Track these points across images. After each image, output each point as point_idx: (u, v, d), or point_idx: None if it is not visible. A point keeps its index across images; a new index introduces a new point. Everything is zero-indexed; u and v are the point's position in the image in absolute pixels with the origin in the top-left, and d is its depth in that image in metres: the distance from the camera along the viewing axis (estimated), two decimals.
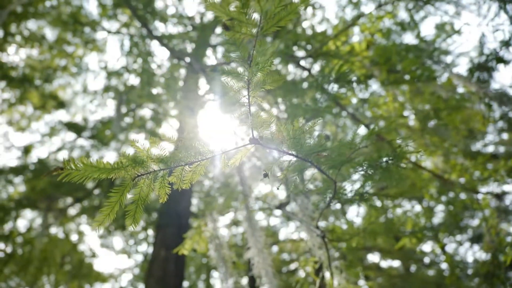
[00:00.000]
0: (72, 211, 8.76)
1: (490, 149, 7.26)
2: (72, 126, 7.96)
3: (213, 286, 10.98)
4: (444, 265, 9.67)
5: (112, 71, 7.99)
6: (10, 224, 8.34)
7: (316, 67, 4.55)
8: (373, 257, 11.75)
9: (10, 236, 8.19)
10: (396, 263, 11.61)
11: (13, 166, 7.65)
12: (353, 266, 3.70)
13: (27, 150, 8.21)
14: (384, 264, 11.81)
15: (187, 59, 5.36)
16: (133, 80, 8.03)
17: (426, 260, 10.74)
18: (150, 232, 10.13)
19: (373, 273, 10.81)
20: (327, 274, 2.43)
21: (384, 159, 1.57)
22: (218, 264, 2.88)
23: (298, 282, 2.63)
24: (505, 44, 2.98)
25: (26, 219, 8.69)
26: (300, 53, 4.63)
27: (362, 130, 3.86)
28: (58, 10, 7.89)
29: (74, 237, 9.04)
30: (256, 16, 0.91)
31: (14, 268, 7.94)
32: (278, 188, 1.52)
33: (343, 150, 1.50)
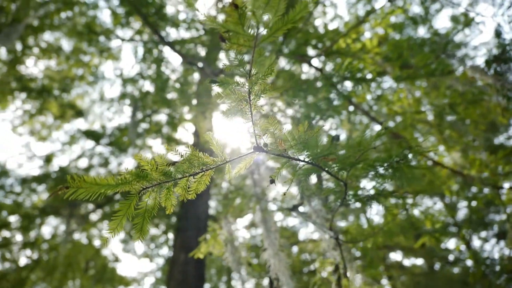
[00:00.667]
0: (94, 216, 8.94)
1: None
2: (90, 134, 8.12)
3: None
4: (469, 262, 9.43)
5: (127, 78, 8.11)
6: (35, 232, 8.58)
7: (328, 66, 4.50)
8: (395, 256, 11.57)
9: (36, 243, 8.41)
10: (419, 261, 11.39)
11: (36, 175, 7.87)
12: (373, 266, 3.64)
13: (48, 159, 8.41)
14: (407, 262, 11.60)
15: (200, 64, 5.39)
16: (148, 86, 8.14)
17: (451, 257, 10.49)
18: (171, 235, 10.24)
19: (396, 271, 10.64)
20: (343, 276, 2.39)
21: (395, 159, 1.53)
22: (233, 267, 2.88)
23: (315, 284, 2.60)
24: None
25: (51, 226, 8.92)
26: (311, 52, 4.60)
27: (376, 128, 3.79)
28: (73, 21, 8.07)
29: (96, 242, 9.23)
30: (252, 27, 0.90)
31: (41, 274, 8.15)
32: (284, 194, 1.51)
33: (352, 152, 1.48)
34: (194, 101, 6.56)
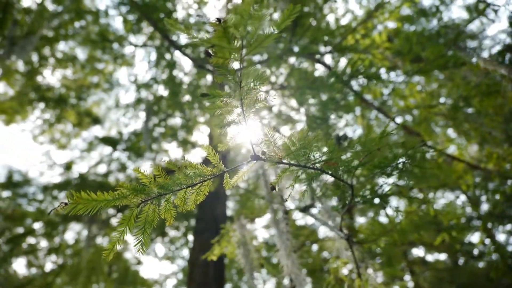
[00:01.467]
0: (114, 221, 9.10)
1: None
2: (107, 140, 8.27)
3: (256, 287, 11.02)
4: (495, 257, 9.18)
5: (141, 84, 8.22)
6: (59, 237, 8.80)
7: (339, 63, 4.46)
8: (418, 251, 11.36)
9: (60, 248, 8.63)
10: (443, 256, 11.15)
11: (57, 183, 8.06)
12: (390, 265, 3.59)
13: (68, 166, 8.61)
14: (430, 257, 11.38)
15: (210, 67, 5.41)
16: (162, 90, 8.22)
17: (476, 252, 10.23)
18: (190, 237, 10.33)
19: (418, 267, 10.45)
20: (357, 276, 2.36)
21: (400, 160, 1.50)
22: (246, 270, 2.88)
23: (328, 284, 2.58)
24: None
25: (74, 231, 9.12)
26: (321, 49, 4.55)
27: (390, 124, 3.73)
28: (86, 30, 8.23)
29: (118, 246, 9.37)
30: (238, 40, 0.90)
31: (66, 279, 8.35)
32: (286, 200, 1.50)
33: (355, 155, 1.45)
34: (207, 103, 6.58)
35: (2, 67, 7.66)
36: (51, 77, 9.14)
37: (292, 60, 5.31)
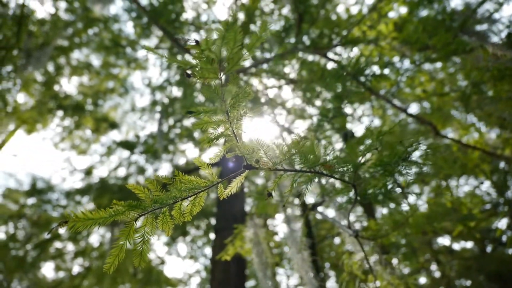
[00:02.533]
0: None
1: None
2: (124, 144, 8.42)
3: (279, 283, 11.06)
4: None
5: (155, 86, 8.32)
6: (84, 241, 9.06)
7: (346, 56, 4.39)
8: (443, 240, 11.13)
9: (85, 251, 8.88)
10: (469, 244, 10.89)
11: (79, 188, 8.28)
12: (414, 256, 3.53)
13: (88, 171, 8.83)
14: (457, 246, 11.13)
15: None
16: (176, 92, 8.30)
17: (504, 238, 9.94)
18: (212, 235, 10.43)
19: (444, 257, 10.25)
20: (370, 271, 2.34)
21: (397, 158, 1.47)
22: (259, 269, 2.89)
23: (343, 280, 2.56)
24: None
25: (98, 235, 9.36)
26: (329, 42, 4.50)
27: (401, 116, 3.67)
28: (100, 36, 8.38)
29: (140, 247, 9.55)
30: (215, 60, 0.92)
31: (92, 281, 8.60)
32: (284, 205, 1.49)
33: (353, 157, 1.44)
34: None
35: (21, 78, 7.89)
36: (68, 85, 9.36)
37: (300, 54, 5.27)
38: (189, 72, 0.94)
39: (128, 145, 8.44)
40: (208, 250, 10.88)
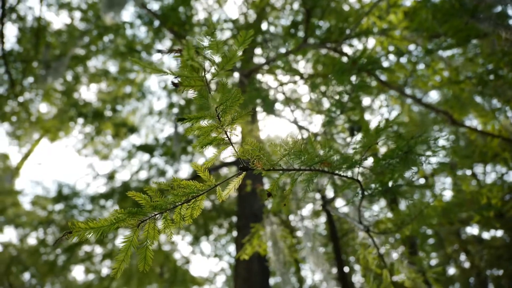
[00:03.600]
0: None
1: None
2: (144, 148, 8.56)
3: (304, 278, 11.04)
4: None
5: (171, 89, 8.41)
6: (111, 243, 9.29)
7: (356, 48, 4.33)
8: (472, 230, 10.85)
9: (113, 253, 9.10)
10: (499, 233, 10.55)
11: (103, 192, 8.49)
12: (442, 246, 3.45)
13: (111, 176, 9.03)
14: (486, 235, 10.82)
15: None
16: (191, 93, 8.35)
17: None
18: (235, 233, 10.50)
19: (473, 246, 9.99)
20: (384, 266, 2.31)
21: (398, 154, 1.44)
22: (276, 268, 2.89)
23: (365, 275, 2.54)
24: None
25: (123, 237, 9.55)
26: (338, 37, 4.44)
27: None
28: (115, 43, 8.53)
29: (166, 247, 9.76)
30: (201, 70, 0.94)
31: (120, 282, 8.82)
32: (284, 205, 1.49)
33: (350, 158, 1.42)
34: None
35: (42, 89, 8.14)
36: (86, 92, 9.59)
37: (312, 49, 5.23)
38: (175, 81, 0.95)
39: (147, 149, 8.59)
40: (231, 248, 10.97)
